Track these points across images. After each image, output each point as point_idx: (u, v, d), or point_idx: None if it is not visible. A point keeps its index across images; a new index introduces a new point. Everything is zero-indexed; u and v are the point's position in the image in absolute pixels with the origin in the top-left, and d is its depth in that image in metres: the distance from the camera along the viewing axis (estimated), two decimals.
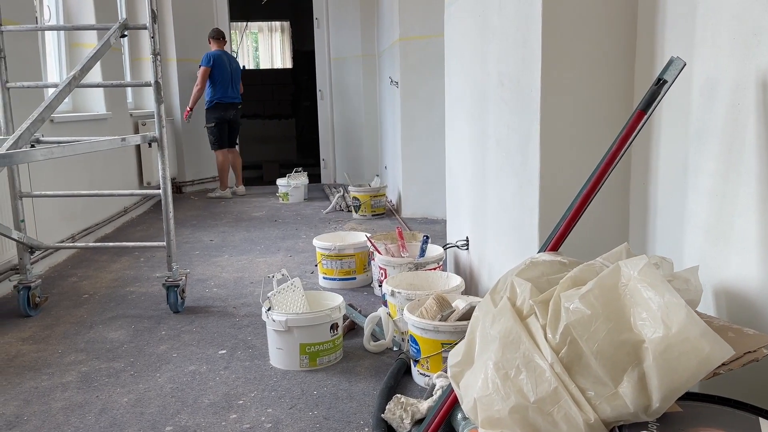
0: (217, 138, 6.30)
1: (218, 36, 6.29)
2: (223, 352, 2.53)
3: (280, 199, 6.28)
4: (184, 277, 3.02)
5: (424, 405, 1.86)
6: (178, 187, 6.84)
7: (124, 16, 5.59)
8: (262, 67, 11.35)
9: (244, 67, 10.61)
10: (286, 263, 3.88)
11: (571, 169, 1.91)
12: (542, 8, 1.85)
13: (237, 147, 6.72)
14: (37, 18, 3.79)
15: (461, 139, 3.05)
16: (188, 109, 6.21)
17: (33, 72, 3.61)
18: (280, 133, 10.21)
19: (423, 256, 2.86)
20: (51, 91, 4.14)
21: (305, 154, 10.35)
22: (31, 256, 2.97)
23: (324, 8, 7.05)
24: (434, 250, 2.94)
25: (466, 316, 2.17)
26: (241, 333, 2.73)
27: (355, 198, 5.31)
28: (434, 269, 2.82)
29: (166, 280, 2.95)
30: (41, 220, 3.56)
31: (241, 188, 6.73)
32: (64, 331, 2.77)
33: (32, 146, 2.68)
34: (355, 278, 3.34)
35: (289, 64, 11.14)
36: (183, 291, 3.02)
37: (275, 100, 10.50)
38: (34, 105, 3.53)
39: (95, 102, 4.75)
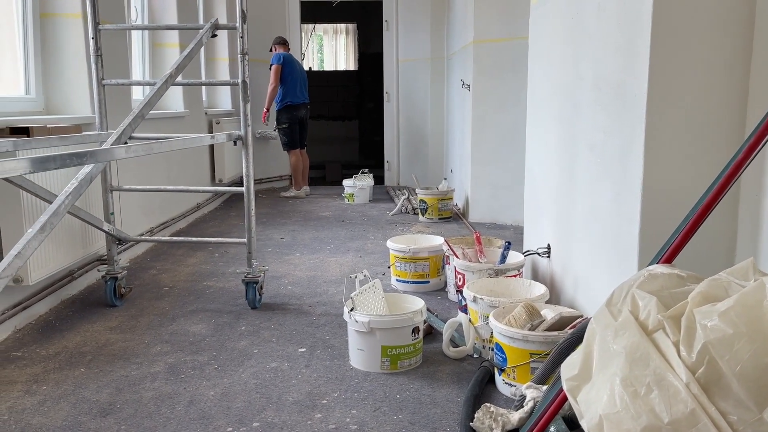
0: (290, 139, 6.38)
1: (283, 42, 6.39)
2: (303, 350, 2.54)
3: (346, 199, 6.31)
4: (262, 274, 3.05)
5: (515, 416, 1.82)
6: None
7: (203, 17, 5.73)
8: (326, 69, 11.46)
9: (310, 68, 10.76)
10: (357, 264, 3.89)
11: (678, 177, 1.83)
12: (653, 9, 1.78)
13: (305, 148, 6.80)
14: (126, 18, 3.92)
15: (545, 143, 2.98)
16: (265, 110, 6.27)
17: (122, 70, 3.74)
18: (343, 135, 10.30)
19: (504, 262, 2.81)
20: (136, 88, 4.28)
21: (367, 155, 10.40)
22: (118, 248, 3.07)
23: (394, 10, 7.06)
24: (514, 257, 2.88)
25: (556, 326, 2.12)
26: (318, 332, 2.74)
27: (422, 201, 5.28)
28: (515, 276, 2.76)
29: (245, 276, 2.99)
30: (125, 214, 3.68)
31: (307, 188, 6.81)
32: (149, 322, 2.85)
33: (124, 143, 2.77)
34: (428, 282, 3.31)
35: (353, 66, 11.21)
36: (261, 287, 3.06)
37: (339, 102, 10.59)
38: (121, 101, 3.67)
39: (174, 100, 4.88)
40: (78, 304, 3.08)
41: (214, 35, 2.84)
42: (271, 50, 6.35)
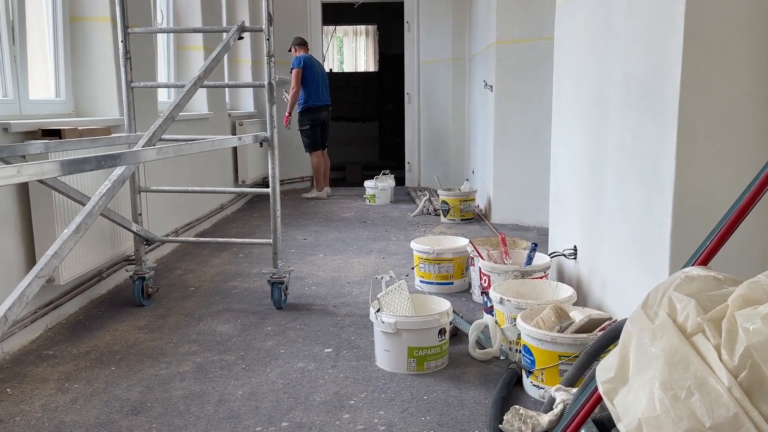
0: (311, 140, 6.41)
1: (303, 42, 6.41)
2: (329, 350, 2.55)
3: (367, 200, 6.33)
4: (288, 275, 3.07)
5: (544, 418, 1.81)
6: (267, 185, 7.00)
7: (226, 20, 5.78)
8: (345, 70, 11.49)
9: (330, 69, 10.80)
10: (380, 265, 3.89)
11: (711, 178, 1.81)
12: (685, 8, 1.76)
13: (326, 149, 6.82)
14: (152, 22, 3.97)
15: (571, 144, 2.96)
16: (287, 114, 6.28)
17: (149, 73, 3.79)
18: (363, 136, 10.31)
19: (530, 263, 2.80)
20: (161, 91, 4.33)
21: (387, 156, 10.40)
22: (145, 249, 3.10)
23: (415, 12, 7.06)
24: (540, 258, 2.87)
25: (585, 328, 2.10)
26: (344, 332, 2.75)
27: (444, 202, 5.27)
28: (541, 278, 2.74)
29: (271, 277, 3.01)
30: (151, 215, 3.72)
31: (328, 189, 6.82)
32: (176, 321, 2.88)
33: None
34: (452, 283, 3.31)
35: (372, 68, 11.23)
36: (286, 288, 3.07)
37: (359, 103, 10.61)
38: (147, 104, 3.72)
39: (199, 103, 4.93)
40: (106, 303, 3.13)
41: (241, 38, 2.86)
42: (290, 50, 6.38)
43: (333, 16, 9.55)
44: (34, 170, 1.41)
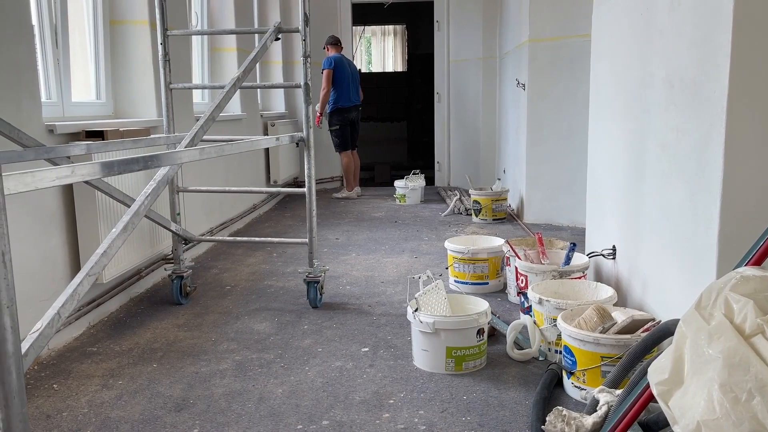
0: (341, 140, 6.43)
1: (336, 42, 6.44)
2: (366, 349, 2.56)
3: (397, 200, 6.33)
4: (323, 274, 3.09)
5: (588, 420, 1.78)
6: (298, 185, 7.06)
7: (257, 21, 5.84)
8: (374, 70, 11.51)
9: (359, 70, 10.83)
10: (413, 265, 3.89)
11: (761, 176, 1.76)
12: (734, 1, 1.72)
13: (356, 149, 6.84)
14: (188, 24, 4.02)
15: (609, 142, 2.92)
16: (318, 114, 6.33)
17: (185, 74, 3.84)
18: (392, 136, 10.31)
19: (568, 263, 2.77)
20: (196, 92, 4.39)
21: (416, 156, 10.39)
22: (183, 248, 3.15)
23: (445, 11, 7.04)
24: (578, 258, 2.83)
25: (628, 329, 2.07)
26: (380, 332, 2.75)
27: (475, 201, 5.25)
28: (579, 278, 2.71)
29: (307, 276, 3.03)
30: (187, 215, 3.77)
31: (358, 189, 6.84)
32: (214, 320, 2.91)
33: None
34: (487, 283, 3.29)
35: (400, 68, 11.23)
36: (322, 287, 3.09)
37: (388, 103, 10.61)
38: (183, 105, 3.77)
39: (232, 104, 4.99)
40: (146, 301, 3.18)
41: (278, 38, 2.89)
42: (324, 49, 6.42)
43: (362, 16, 9.57)
44: (87, 170, 1.43)
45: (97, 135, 2.71)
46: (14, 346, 1.16)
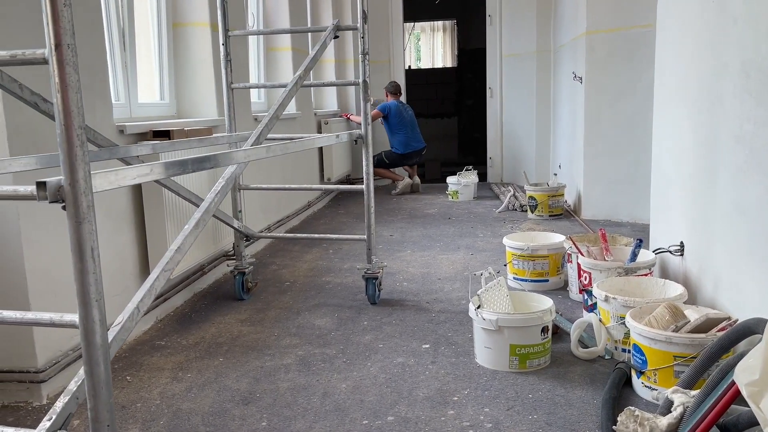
0: (383, 165, 6.58)
1: (396, 91, 6.68)
2: (427, 346, 2.55)
3: (450, 197, 6.29)
4: (381, 270, 3.09)
5: (663, 421, 1.73)
6: (351, 182, 7.10)
7: (310, 20, 5.90)
8: (422, 66, 11.48)
9: (409, 67, 10.80)
10: (469, 261, 3.86)
11: None
12: None
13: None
14: (245, 25, 4.09)
15: (676, 135, 2.83)
16: (349, 115, 6.57)
17: (243, 74, 3.91)
18: (442, 132, 10.26)
19: (634, 260, 2.69)
20: (253, 91, 4.46)
21: (466, 152, 10.31)
22: (245, 244, 3.21)
23: (497, 5, 6.95)
24: (644, 255, 2.75)
25: (701, 328, 2.00)
26: (440, 328, 2.74)
27: (531, 197, 5.17)
28: (646, 275, 2.64)
29: (365, 272, 3.05)
30: (247, 212, 3.85)
31: (407, 178, 6.81)
32: (276, 315, 2.96)
33: None
34: (548, 280, 3.23)
35: (450, 63, 11.16)
36: (380, 283, 3.10)
37: (438, 100, 10.57)
38: (241, 104, 3.84)
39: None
40: (209, 297, 3.26)
41: (336, 36, 2.90)
42: (386, 95, 6.65)
43: (412, 12, 9.55)
44: (164, 168, 1.48)
45: (163, 135, 2.79)
46: (102, 339, 1.20)
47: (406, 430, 1.91)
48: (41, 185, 1.13)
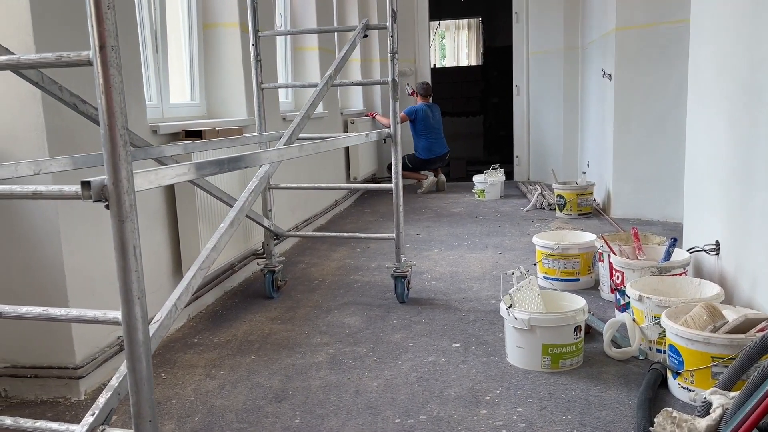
0: (406, 168, 6.62)
1: (426, 93, 6.68)
2: (457, 345, 2.55)
3: (476, 195, 6.26)
4: (410, 269, 3.09)
5: (701, 423, 1.70)
6: (377, 182, 7.11)
7: (336, 20, 5.91)
8: (447, 65, 11.44)
9: (434, 65, 10.79)
10: (497, 261, 3.84)
11: None
12: None
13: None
14: (273, 25, 4.12)
15: (712, 132, 2.78)
16: (375, 114, 6.60)
17: (271, 74, 3.94)
18: (467, 131, 10.22)
19: (668, 259, 2.65)
20: (281, 91, 4.49)
21: (492, 151, 10.26)
22: (275, 243, 3.23)
23: (524, 2, 6.90)
24: (678, 254, 2.71)
25: (740, 328, 1.97)
26: (470, 328, 2.73)
27: (559, 196, 5.12)
28: (680, 275, 2.59)
29: (394, 271, 3.05)
30: (276, 211, 3.87)
31: (430, 176, 6.80)
32: (305, 313, 2.98)
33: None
34: (578, 279, 3.20)
35: (475, 61, 11.11)
36: (409, 282, 3.10)
37: (463, 98, 10.53)
38: (271, 104, 3.87)
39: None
40: (239, 295, 3.29)
41: (366, 36, 2.91)
42: (411, 94, 6.58)
43: (437, 11, 9.53)
44: (200, 168, 1.49)
45: (195, 135, 2.83)
46: (144, 335, 1.22)
47: (438, 429, 1.90)
48: (86, 185, 1.15)
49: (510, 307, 2.32)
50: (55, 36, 2.05)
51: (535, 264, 3.41)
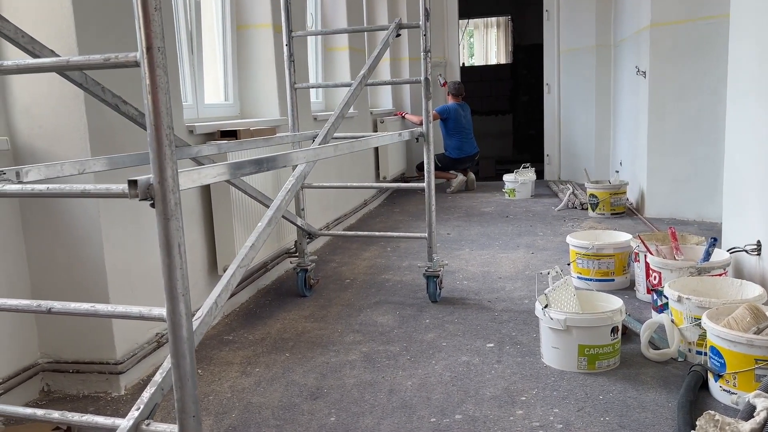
0: (436, 167, 6.62)
1: (458, 93, 6.66)
2: (491, 345, 2.53)
3: (507, 195, 6.22)
4: (442, 268, 3.09)
5: (745, 426, 1.67)
6: (405, 181, 7.11)
7: (366, 20, 5.92)
8: (475, 64, 11.38)
9: (463, 64, 10.74)
10: (530, 260, 3.81)
11: None
12: None
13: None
14: (305, 25, 4.14)
15: (753, 129, 2.72)
16: (404, 113, 6.63)
17: (303, 75, 3.96)
18: (497, 129, 10.16)
19: (707, 259, 2.60)
20: (312, 91, 4.52)
21: (521, 149, 10.18)
22: (308, 242, 3.25)
23: (555, 0, 6.83)
24: (718, 255, 2.66)
25: None
26: (503, 328, 2.71)
27: (592, 195, 5.06)
28: (720, 275, 2.54)
29: (426, 270, 3.04)
30: (307, 210, 3.90)
31: (460, 176, 6.76)
32: (338, 312, 2.99)
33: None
34: (613, 280, 3.16)
35: (504, 59, 11.03)
36: (441, 282, 3.09)
37: (492, 96, 10.46)
38: (303, 104, 3.90)
39: None
40: (272, 293, 3.32)
41: (398, 35, 2.91)
42: (443, 85, 6.57)
43: (466, 9, 9.49)
44: (240, 167, 1.51)
45: (230, 135, 2.86)
46: (188, 332, 1.24)
47: (475, 428, 1.90)
48: (132, 183, 1.17)
49: (545, 307, 2.29)
50: (96, 39, 2.09)
51: (568, 264, 3.37)
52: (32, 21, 2.00)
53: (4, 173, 1.59)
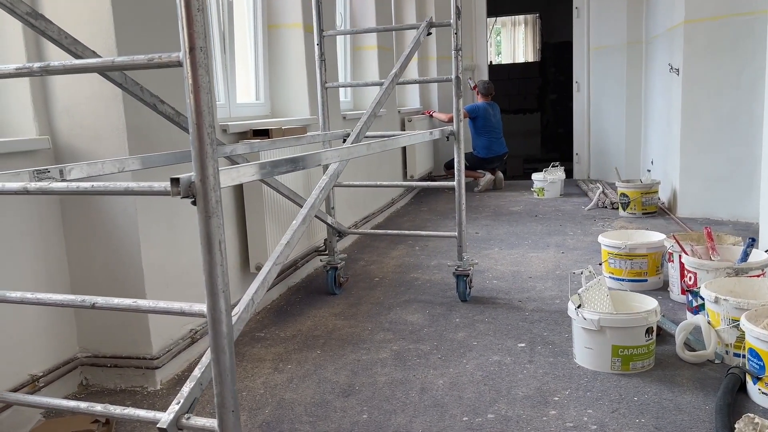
0: (465, 166, 6.57)
1: (487, 92, 6.63)
2: (523, 345, 2.52)
3: (536, 194, 6.17)
4: (472, 267, 3.08)
5: None
6: (433, 180, 7.10)
7: (394, 19, 5.93)
8: (503, 62, 11.30)
9: (491, 62, 10.68)
10: (560, 260, 3.77)
11: None
12: None
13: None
14: (334, 25, 4.16)
15: None
16: (432, 112, 6.64)
17: (332, 74, 3.98)
18: (524, 128, 10.08)
19: (745, 260, 2.55)
20: (341, 90, 4.54)
21: (549, 148, 10.09)
22: (337, 240, 3.27)
23: None
24: (756, 255, 2.60)
25: None
26: (534, 327, 2.70)
27: (623, 194, 4.99)
28: (758, 276, 2.49)
29: (456, 269, 3.04)
30: (336, 208, 3.92)
31: (488, 175, 6.72)
32: (368, 310, 3.00)
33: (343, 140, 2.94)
34: (646, 280, 3.11)
35: (531, 58, 10.94)
36: (471, 281, 3.09)
37: (520, 95, 10.38)
38: (332, 103, 3.91)
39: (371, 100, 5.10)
40: (302, 291, 3.35)
41: (429, 33, 2.91)
42: (473, 88, 6.54)
43: (494, 7, 9.43)
44: (277, 166, 1.53)
45: (262, 134, 2.89)
46: (228, 327, 1.26)
47: (507, 428, 1.89)
48: (174, 181, 1.20)
49: (579, 307, 2.27)
50: (135, 39, 2.13)
51: (600, 264, 3.33)
52: (72, 22, 2.05)
53: (48, 171, 1.63)
